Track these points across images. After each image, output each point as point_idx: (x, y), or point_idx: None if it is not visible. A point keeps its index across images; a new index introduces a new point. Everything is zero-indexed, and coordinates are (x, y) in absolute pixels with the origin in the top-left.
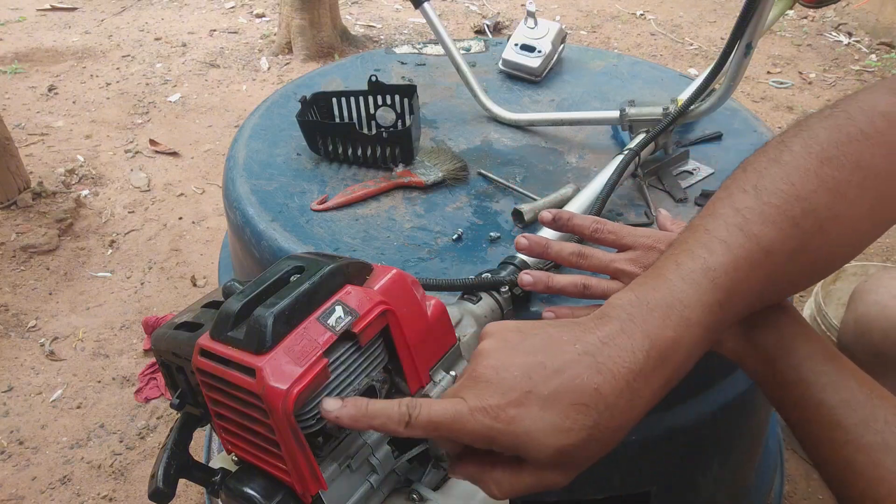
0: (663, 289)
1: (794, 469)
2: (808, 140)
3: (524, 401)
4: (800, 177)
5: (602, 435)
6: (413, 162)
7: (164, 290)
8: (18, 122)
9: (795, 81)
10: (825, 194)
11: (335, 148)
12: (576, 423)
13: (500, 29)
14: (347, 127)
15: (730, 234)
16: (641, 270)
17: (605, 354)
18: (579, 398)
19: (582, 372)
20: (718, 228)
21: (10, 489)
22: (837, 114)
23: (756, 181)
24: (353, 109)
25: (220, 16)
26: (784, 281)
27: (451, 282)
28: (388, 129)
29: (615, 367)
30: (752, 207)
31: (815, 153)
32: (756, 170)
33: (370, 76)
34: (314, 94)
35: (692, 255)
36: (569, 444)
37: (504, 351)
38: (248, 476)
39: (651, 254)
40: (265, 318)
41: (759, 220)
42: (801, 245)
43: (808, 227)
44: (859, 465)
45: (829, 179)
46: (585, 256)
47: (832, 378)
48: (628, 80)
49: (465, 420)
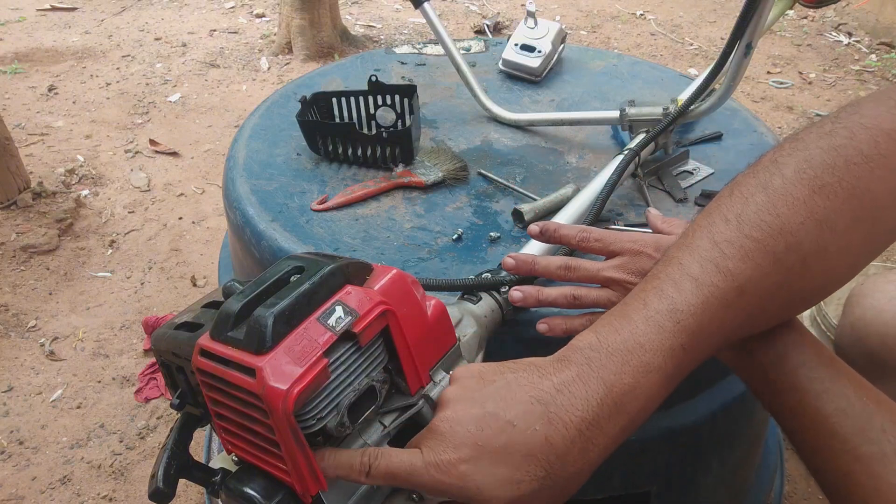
0: (626, 331)
1: (794, 469)
2: (801, 163)
3: (475, 456)
4: (787, 207)
5: (555, 483)
6: (413, 162)
7: (164, 290)
8: (18, 122)
9: (795, 81)
10: (813, 227)
11: (335, 148)
12: (526, 475)
13: (500, 29)
14: (347, 127)
15: (703, 270)
16: (630, 276)
17: (557, 403)
18: (529, 450)
19: (532, 422)
20: (692, 263)
21: (10, 489)
22: (838, 131)
23: (740, 209)
24: (353, 109)
25: (220, 16)
26: (760, 317)
27: (451, 282)
28: (388, 129)
29: (566, 417)
30: (731, 241)
31: (808, 180)
32: (742, 195)
33: (370, 76)
34: (314, 94)
35: (660, 293)
36: (520, 495)
37: (461, 402)
38: (248, 476)
39: (639, 259)
40: (265, 319)
41: (738, 255)
42: (781, 282)
43: (790, 263)
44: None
45: (819, 210)
46: (573, 269)
47: (827, 385)
48: (628, 80)
49: (419, 474)
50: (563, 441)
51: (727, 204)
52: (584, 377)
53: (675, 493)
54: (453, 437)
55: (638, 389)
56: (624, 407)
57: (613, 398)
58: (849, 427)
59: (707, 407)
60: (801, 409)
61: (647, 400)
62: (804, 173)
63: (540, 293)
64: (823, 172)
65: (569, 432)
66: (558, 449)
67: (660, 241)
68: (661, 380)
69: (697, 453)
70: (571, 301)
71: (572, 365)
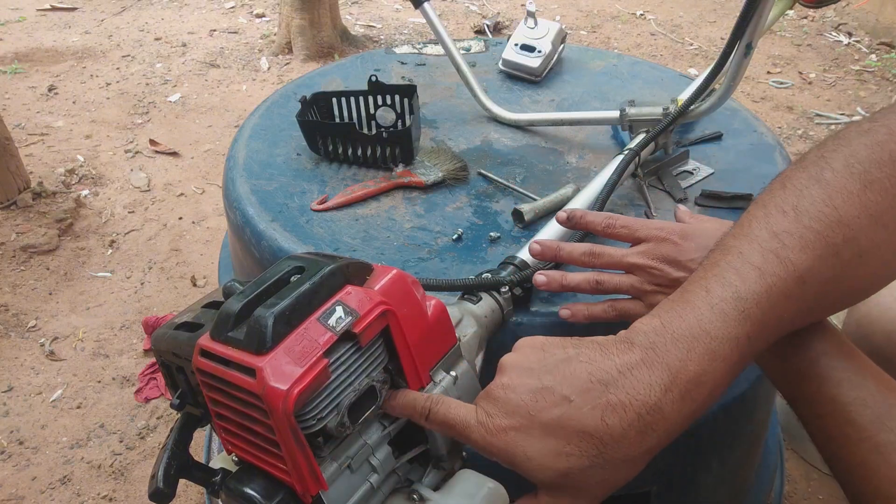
0: (690, 317)
1: (794, 469)
2: (849, 158)
3: (526, 425)
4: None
5: (609, 465)
6: (413, 162)
7: (164, 290)
8: (18, 122)
9: (795, 81)
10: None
11: (335, 148)
12: (577, 450)
13: (500, 29)
14: (347, 127)
15: (765, 260)
16: (654, 262)
17: (619, 385)
18: (584, 427)
19: (590, 401)
20: (753, 253)
21: (10, 489)
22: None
23: (796, 201)
24: (353, 109)
25: (220, 16)
26: (816, 309)
27: (452, 282)
28: (388, 129)
29: (627, 400)
30: (790, 231)
31: (858, 174)
32: (796, 187)
33: (370, 76)
34: (314, 94)
35: (723, 281)
36: (568, 467)
37: (519, 370)
38: (249, 476)
39: (663, 245)
40: (265, 319)
41: (798, 245)
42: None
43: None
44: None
45: (871, 205)
46: (597, 255)
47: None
48: (628, 80)
49: (471, 429)
50: (621, 424)
51: (781, 196)
52: (648, 361)
53: (675, 493)
54: (507, 404)
55: (704, 377)
56: (689, 394)
57: (679, 385)
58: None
59: None
60: (820, 397)
61: (712, 389)
62: (853, 168)
63: (564, 278)
64: (871, 167)
65: (628, 415)
66: (615, 431)
67: (686, 230)
68: (725, 368)
69: (697, 453)
70: (595, 286)
71: (636, 348)
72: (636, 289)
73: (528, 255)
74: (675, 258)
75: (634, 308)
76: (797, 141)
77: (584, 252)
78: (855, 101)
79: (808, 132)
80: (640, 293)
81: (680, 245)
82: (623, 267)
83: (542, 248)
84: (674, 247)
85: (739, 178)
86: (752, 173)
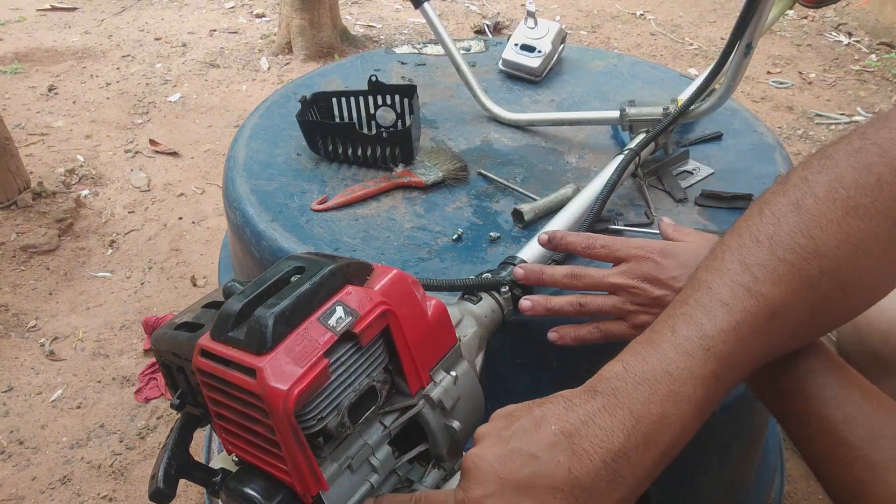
0: (653, 359)
1: (794, 469)
2: (833, 182)
3: (499, 490)
4: (821, 230)
5: None
6: (413, 162)
7: (164, 290)
8: (18, 122)
9: (795, 81)
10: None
11: (335, 148)
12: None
13: (500, 29)
14: (347, 127)
15: (734, 294)
16: (635, 281)
17: (582, 434)
18: (553, 482)
19: (556, 455)
20: (722, 287)
21: (10, 489)
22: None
23: (772, 230)
24: (353, 109)
25: (220, 16)
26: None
27: (452, 282)
28: (388, 129)
29: (591, 449)
30: (762, 264)
31: (841, 200)
32: (774, 215)
33: (370, 76)
34: (314, 94)
35: (689, 320)
36: None
37: (490, 438)
38: (249, 476)
39: (644, 264)
40: (266, 319)
41: (770, 279)
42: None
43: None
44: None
45: (853, 233)
46: (579, 276)
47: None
48: (628, 80)
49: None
50: (588, 473)
51: (757, 224)
52: (609, 407)
53: (675, 492)
54: (478, 473)
55: (668, 419)
56: (653, 437)
57: (642, 429)
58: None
59: None
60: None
61: (680, 430)
62: (836, 192)
63: (548, 302)
64: (856, 193)
65: (594, 464)
66: (584, 481)
67: (666, 248)
68: (692, 409)
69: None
70: (578, 309)
71: (598, 395)
72: (619, 309)
73: (528, 256)
74: (656, 276)
75: (619, 329)
76: (797, 141)
77: (566, 274)
78: (855, 101)
79: (808, 132)
80: (623, 313)
81: (660, 263)
82: (605, 288)
83: (526, 272)
84: (654, 265)
85: (739, 178)
86: (752, 173)
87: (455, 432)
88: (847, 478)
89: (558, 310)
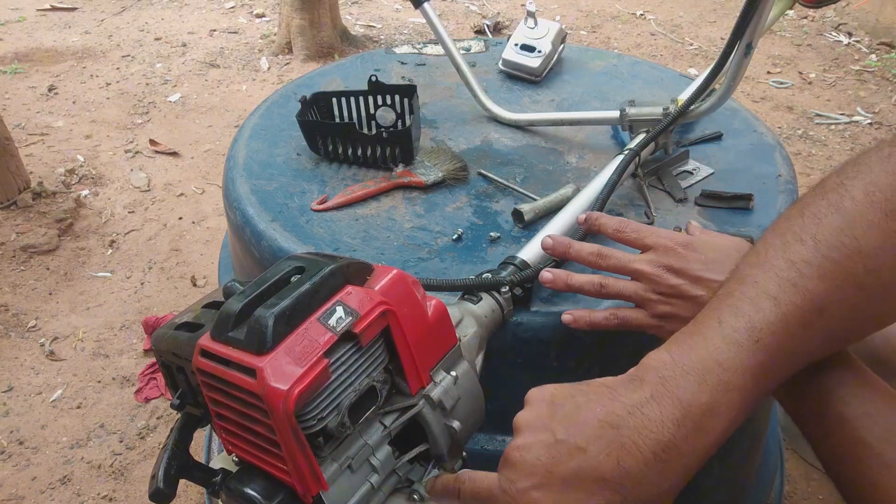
0: (701, 349)
1: (794, 469)
2: (869, 186)
3: (546, 483)
4: (863, 230)
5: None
6: (413, 162)
7: (164, 290)
8: (18, 122)
9: (795, 81)
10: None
11: (335, 148)
12: (601, 499)
13: (500, 29)
14: (347, 127)
15: (781, 289)
16: (658, 271)
17: (630, 426)
18: (601, 475)
19: (604, 447)
20: (769, 282)
21: (10, 489)
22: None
23: (814, 230)
24: (352, 109)
25: (220, 16)
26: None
27: (452, 282)
28: (388, 130)
29: (640, 440)
30: (808, 261)
31: (880, 203)
32: (814, 215)
33: (370, 76)
34: (314, 93)
35: (736, 311)
36: None
37: (532, 428)
38: (249, 476)
39: (669, 254)
40: (266, 319)
41: (816, 275)
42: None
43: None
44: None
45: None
46: (605, 257)
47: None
48: (628, 80)
49: (496, 498)
50: (638, 465)
51: (799, 224)
52: (658, 397)
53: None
54: (524, 466)
55: (717, 409)
56: (703, 427)
57: (692, 419)
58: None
59: None
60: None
61: (729, 421)
62: (873, 196)
63: (569, 278)
64: (893, 195)
65: (643, 456)
66: (633, 474)
67: (692, 242)
68: (741, 399)
69: None
70: (598, 289)
71: (645, 385)
72: (639, 296)
73: (529, 255)
74: (681, 267)
75: (636, 317)
76: (797, 141)
77: (592, 252)
78: (855, 101)
79: (808, 132)
80: (643, 301)
81: (685, 255)
82: (628, 272)
83: (554, 242)
84: (680, 257)
85: (739, 178)
86: (752, 173)
87: (455, 432)
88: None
89: (578, 287)
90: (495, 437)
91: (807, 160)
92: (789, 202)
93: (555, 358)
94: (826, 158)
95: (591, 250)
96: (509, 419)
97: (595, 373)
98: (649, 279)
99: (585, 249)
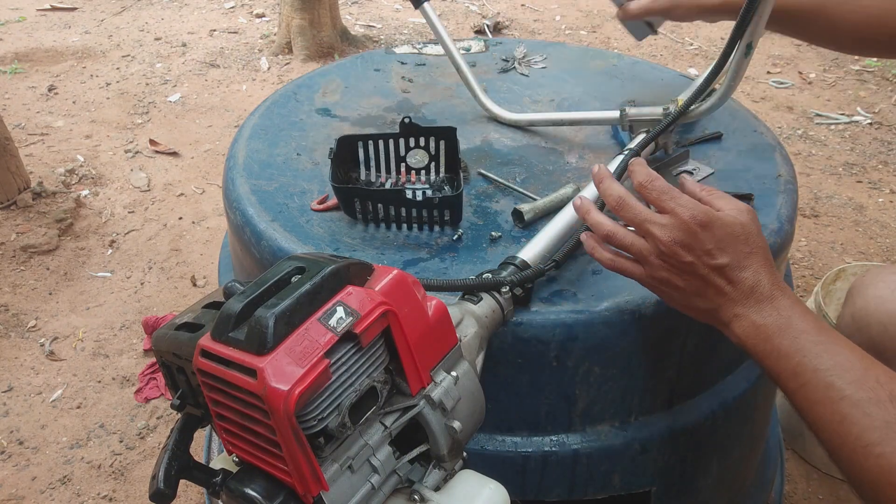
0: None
1: (794, 469)
2: None
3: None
4: None
5: None
6: (459, 225)
7: (164, 290)
8: (18, 122)
9: (795, 81)
10: None
11: (375, 213)
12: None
13: (500, 29)
14: (395, 194)
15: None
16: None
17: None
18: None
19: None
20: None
21: (10, 489)
22: None
23: None
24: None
25: (220, 16)
26: None
27: (452, 282)
28: (439, 195)
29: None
30: None
31: None
32: None
33: (403, 117)
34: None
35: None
36: None
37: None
38: (249, 477)
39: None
40: (266, 319)
41: None
42: None
43: None
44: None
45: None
46: (624, 206)
47: (827, 347)
48: (628, 80)
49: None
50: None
51: None
52: None
53: (675, 493)
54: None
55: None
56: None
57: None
58: (846, 378)
59: (707, 407)
60: (803, 368)
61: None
62: None
63: (589, 213)
64: None
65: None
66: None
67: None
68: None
69: (697, 453)
70: (608, 233)
71: None
72: (643, 256)
73: (529, 255)
74: (690, 244)
75: (634, 270)
76: (797, 141)
77: (618, 197)
78: (855, 101)
79: (808, 132)
80: (644, 260)
81: (697, 233)
82: (642, 230)
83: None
84: (691, 234)
85: (739, 178)
86: (752, 173)
87: (455, 432)
88: (836, 415)
89: (594, 223)
90: (495, 437)
91: (807, 160)
92: (789, 202)
93: (555, 358)
94: (826, 158)
95: (618, 194)
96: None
97: (595, 373)
98: (657, 244)
99: (615, 190)
